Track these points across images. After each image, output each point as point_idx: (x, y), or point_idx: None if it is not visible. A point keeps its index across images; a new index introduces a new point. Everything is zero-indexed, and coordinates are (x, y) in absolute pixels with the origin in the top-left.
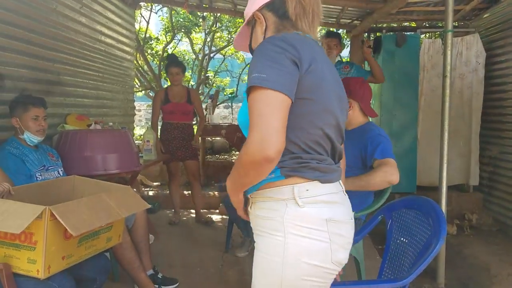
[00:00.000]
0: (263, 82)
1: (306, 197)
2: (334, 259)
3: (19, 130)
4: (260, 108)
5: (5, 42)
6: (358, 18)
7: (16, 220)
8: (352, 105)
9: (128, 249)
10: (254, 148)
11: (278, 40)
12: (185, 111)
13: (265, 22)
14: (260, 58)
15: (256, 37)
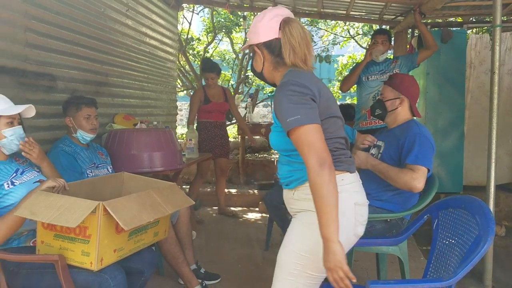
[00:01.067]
0: (300, 122)
1: (342, 185)
2: (355, 233)
3: (72, 129)
4: (306, 139)
5: (57, 45)
6: (402, 14)
7: (72, 215)
8: (403, 102)
9: (172, 244)
10: (317, 168)
11: (292, 86)
12: (223, 110)
13: (263, 56)
14: (287, 104)
15: (256, 63)
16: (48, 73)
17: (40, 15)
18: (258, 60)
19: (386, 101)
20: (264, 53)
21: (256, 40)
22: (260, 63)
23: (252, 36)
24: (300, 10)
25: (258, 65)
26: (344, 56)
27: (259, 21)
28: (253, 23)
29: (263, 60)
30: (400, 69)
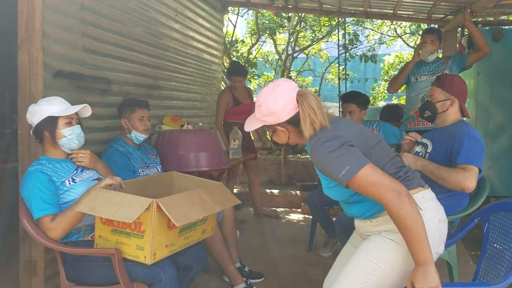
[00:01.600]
0: (352, 171)
1: (423, 203)
2: (437, 251)
3: (127, 130)
4: (368, 182)
5: (112, 50)
6: (452, 13)
7: (128, 211)
8: (454, 102)
9: (218, 242)
10: (396, 201)
11: (326, 143)
12: (251, 111)
13: (288, 131)
14: (330, 161)
15: (279, 138)
16: (104, 77)
17: (96, 21)
18: (282, 136)
19: (436, 102)
20: (288, 128)
21: (277, 121)
22: (285, 137)
23: (270, 118)
24: (345, 10)
25: (283, 138)
26: (390, 55)
27: (273, 102)
28: (265, 105)
29: (288, 134)
30: (451, 70)
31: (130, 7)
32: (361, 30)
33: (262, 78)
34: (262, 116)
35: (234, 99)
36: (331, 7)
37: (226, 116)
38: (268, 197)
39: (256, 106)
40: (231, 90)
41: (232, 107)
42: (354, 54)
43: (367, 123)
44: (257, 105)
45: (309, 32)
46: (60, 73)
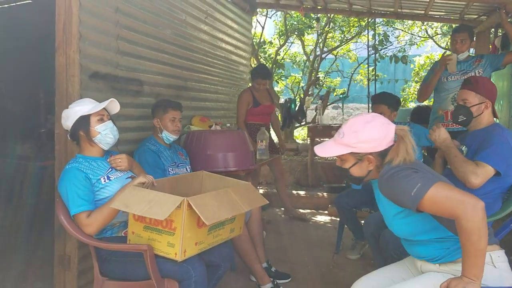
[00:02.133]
0: (424, 188)
1: (501, 262)
2: None
3: (158, 130)
4: (442, 196)
5: (144, 52)
6: (485, 14)
7: (160, 208)
8: (488, 105)
9: (246, 241)
10: (471, 213)
11: (397, 173)
12: (271, 112)
13: (374, 162)
14: (401, 184)
15: (361, 170)
16: (136, 79)
17: (129, 24)
18: (364, 167)
19: (471, 106)
20: (377, 159)
21: (373, 150)
22: (366, 169)
23: (367, 145)
24: (375, 10)
25: (363, 170)
26: (421, 56)
27: (375, 130)
28: (366, 132)
29: (372, 165)
30: (484, 69)
31: (162, 10)
32: (391, 30)
33: (289, 79)
34: (356, 142)
35: (254, 100)
36: (361, 7)
37: (247, 117)
38: (294, 199)
39: (347, 132)
40: (251, 91)
41: (251, 108)
42: (384, 55)
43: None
44: (350, 131)
45: (338, 33)
46: (96, 75)
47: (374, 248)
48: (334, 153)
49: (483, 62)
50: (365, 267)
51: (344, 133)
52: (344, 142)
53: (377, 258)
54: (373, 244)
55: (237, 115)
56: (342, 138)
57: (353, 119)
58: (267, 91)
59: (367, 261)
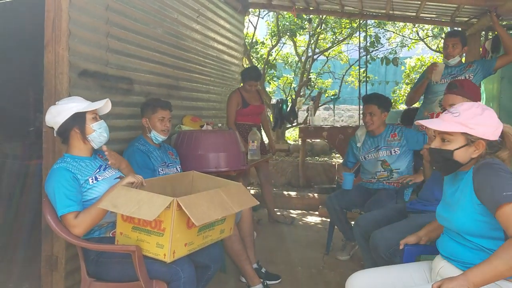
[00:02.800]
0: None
1: None
2: None
3: (147, 129)
4: None
5: (134, 50)
6: (476, 16)
7: (149, 209)
8: None
9: (236, 242)
10: None
11: (501, 166)
12: (260, 113)
13: (480, 152)
14: (502, 178)
15: (466, 153)
16: (126, 77)
17: (120, 22)
18: (469, 152)
19: None
20: (484, 148)
21: (488, 136)
22: (469, 156)
23: (484, 130)
24: (367, 12)
25: (465, 157)
26: (412, 58)
27: (491, 118)
28: (486, 115)
29: (477, 153)
30: (475, 74)
31: (153, 8)
32: (382, 32)
33: (281, 79)
34: (475, 123)
35: (243, 100)
36: (353, 9)
37: (236, 118)
38: (285, 199)
39: (463, 112)
40: (240, 91)
41: (241, 109)
42: (375, 56)
43: (390, 127)
44: (468, 112)
45: (329, 34)
46: (85, 72)
47: (364, 249)
48: (450, 129)
49: (474, 67)
50: (355, 268)
51: (460, 113)
52: (461, 121)
53: (367, 259)
54: (363, 245)
55: (227, 116)
56: (457, 116)
57: (465, 104)
58: (257, 91)
59: (357, 262)
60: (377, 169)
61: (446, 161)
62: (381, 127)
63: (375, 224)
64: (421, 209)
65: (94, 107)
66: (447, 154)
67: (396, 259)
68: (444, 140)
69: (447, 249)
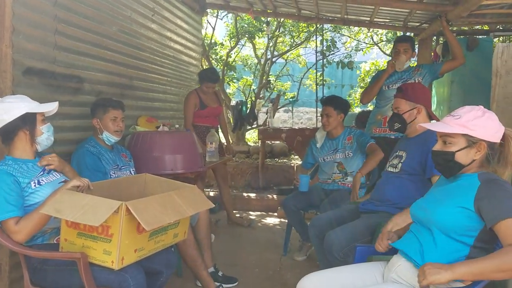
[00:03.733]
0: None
1: None
2: None
3: (99, 130)
4: None
5: (84, 48)
6: (427, 22)
7: (95, 214)
8: (420, 110)
9: (191, 246)
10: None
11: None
12: (218, 114)
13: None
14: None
15: (467, 155)
16: (75, 75)
17: (69, 18)
18: (471, 154)
19: (403, 113)
20: (485, 150)
21: (488, 137)
22: (471, 158)
23: (484, 132)
24: (323, 16)
25: (467, 158)
26: (367, 62)
27: (492, 120)
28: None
29: (479, 155)
30: (423, 77)
31: (105, 5)
32: (338, 37)
33: (241, 81)
34: (475, 125)
35: (200, 102)
36: (310, 13)
37: (194, 119)
38: (245, 201)
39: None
40: (197, 93)
41: (198, 110)
42: (331, 60)
43: (347, 130)
44: (469, 114)
45: (288, 38)
46: (30, 70)
47: (319, 249)
48: (452, 131)
49: (421, 71)
50: (311, 268)
51: (461, 115)
52: (462, 123)
53: (321, 260)
54: (318, 246)
55: (184, 117)
56: (458, 119)
57: (466, 107)
58: (215, 93)
59: (313, 262)
60: (333, 171)
61: (447, 163)
62: (338, 129)
63: (329, 225)
64: (373, 209)
65: (47, 109)
66: (449, 156)
67: (349, 259)
68: (446, 142)
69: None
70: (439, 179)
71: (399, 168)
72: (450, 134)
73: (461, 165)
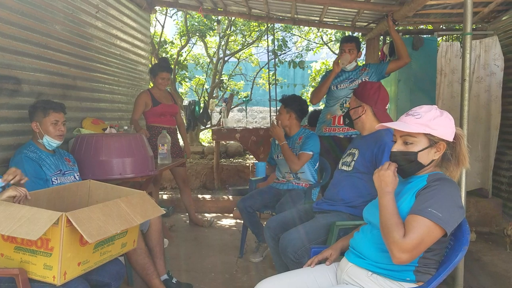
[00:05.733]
0: (437, 220)
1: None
2: None
3: (39, 135)
4: (424, 234)
5: (22, 47)
6: (374, 21)
7: (33, 226)
8: (365, 109)
9: (142, 255)
10: (403, 257)
11: (458, 192)
12: (174, 113)
13: (440, 152)
14: (446, 199)
15: (428, 155)
16: (12, 76)
17: (3, 16)
18: (431, 154)
19: (350, 109)
20: (444, 150)
21: (446, 137)
22: (431, 158)
23: (444, 131)
24: (273, 15)
25: (427, 158)
26: (317, 62)
27: (450, 120)
28: (445, 118)
29: (437, 157)
30: (370, 77)
31: (44, 2)
32: (289, 36)
33: (193, 81)
34: (436, 124)
35: (153, 99)
36: (260, 12)
37: (149, 119)
38: (200, 203)
39: (424, 114)
40: (149, 91)
41: (152, 108)
42: (283, 60)
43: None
44: (428, 114)
45: (239, 37)
46: None
47: (274, 251)
48: (416, 130)
49: (368, 70)
50: (267, 269)
51: (421, 115)
52: (423, 122)
53: (277, 261)
54: (273, 247)
55: (132, 115)
56: (419, 118)
57: (424, 107)
58: (168, 92)
59: (270, 263)
60: (286, 170)
61: (409, 163)
62: (293, 128)
63: (284, 226)
64: (326, 208)
65: None
66: (412, 156)
67: (304, 260)
68: (407, 142)
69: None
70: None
71: (351, 167)
72: (412, 134)
73: (421, 165)
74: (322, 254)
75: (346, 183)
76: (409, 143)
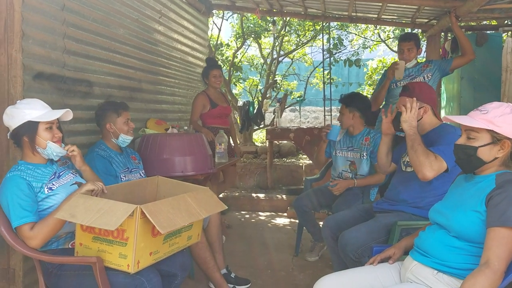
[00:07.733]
0: None
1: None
2: None
3: (113, 134)
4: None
5: (93, 51)
6: (435, 18)
7: (110, 218)
8: (427, 110)
9: (203, 249)
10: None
11: None
12: (228, 114)
13: (505, 152)
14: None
15: (490, 152)
16: (85, 79)
17: (77, 22)
18: (494, 152)
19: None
20: (509, 149)
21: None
22: (493, 155)
23: (509, 128)
24: (330, 14)
25: (489, 155)
26: (374, 60)
27: None
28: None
29: (502, 153)
30: (433, 74)
31: (113, 9)
32: (345, 34)
33: (247, 82)
34: (502, 122)
35: (210, 101)
36: (316, 11)
37: (206, 121)
38: (254, 202)
39: (492, 110)
40: (206, 93)
41: (210, 110)
42: (338, 58)
43: (366, 130)
44: (496, 111)
45: (294, 37)
46: (40, 75)
47: (332, 249)
48: (476, 125)
49: (431, 67)
50: (324, 268)
51: (488, 110)
52: (488, 118)
53: (335, 260)
54: (331, 246)
55: (191, 116)
56: (485, 114)
57: (494, 103)
58: (222, 94)
59: (326, 262)
60: (343, 168)
61: (469, 158)
62: (356, 128)
63: (343, 225)
64: (387, 208)
65: (49, 118)
66: (471, 151)
67: (364, 259)
68: (469, 137)
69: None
70: (457, 179)
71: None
72: (475, 129)
73: (482, 161)
74: (385, 252)
75: (409, 183)
76: (471, 138)
